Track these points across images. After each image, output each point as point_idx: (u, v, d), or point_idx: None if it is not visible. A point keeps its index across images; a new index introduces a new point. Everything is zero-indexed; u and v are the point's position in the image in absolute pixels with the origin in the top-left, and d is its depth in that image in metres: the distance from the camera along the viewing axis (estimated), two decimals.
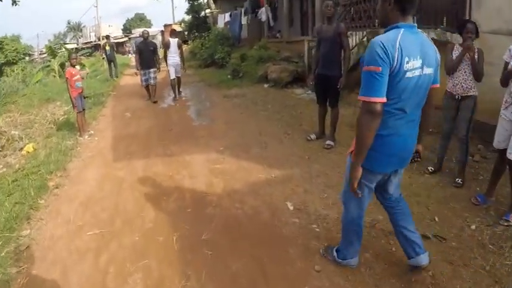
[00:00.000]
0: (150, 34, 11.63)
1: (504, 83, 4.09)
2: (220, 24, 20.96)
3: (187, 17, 32.27)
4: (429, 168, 5.17)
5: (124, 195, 4.68)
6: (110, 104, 10.92)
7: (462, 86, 4.64)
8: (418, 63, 2.38)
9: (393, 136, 2.51)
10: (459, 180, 4.80)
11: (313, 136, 6.46)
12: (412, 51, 2.35)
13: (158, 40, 28.94)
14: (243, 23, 18.78)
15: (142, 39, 11.05)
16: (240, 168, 5.37)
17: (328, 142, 6.16)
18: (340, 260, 3.22)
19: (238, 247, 3.55)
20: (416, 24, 2.49)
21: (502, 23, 4.68)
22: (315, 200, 4.38)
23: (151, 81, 10.68)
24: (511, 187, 4.14)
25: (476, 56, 4.54)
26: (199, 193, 4.63)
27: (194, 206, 4.30)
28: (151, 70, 10.63)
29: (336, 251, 3.28)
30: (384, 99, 2.34)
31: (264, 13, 17.22)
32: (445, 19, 6.81)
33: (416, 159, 2.99)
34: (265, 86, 11.56)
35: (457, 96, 4.70)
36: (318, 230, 3.81)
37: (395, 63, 2.29)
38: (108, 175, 5.34)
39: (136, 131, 7.66)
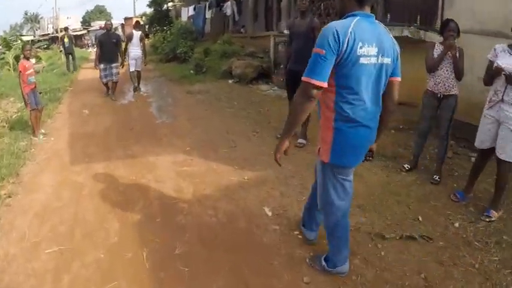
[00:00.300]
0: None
1: (489, 82, 4.02)
2: (184, 17, 20.36)
3: (149, 10, 31.23)
4: (405, 166, 5.09)
5: (84, 204, 4.15)
6: (67, 100, 10.10)
7: (444, 85, 4.58)
8: (373, 50, 2.36)
9: (359, 127, 2.47)
10: (437, 177, 4.79)
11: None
12: (366, 38, 2.33)
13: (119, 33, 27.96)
14: (207, 16, 18.33)
15: (102, 31, 10.34)
16: (209, 170, 4.98)
17: (299, 140, 5.89)
18: (331, 269, 2.99)
19: (217, 261, 3.18)
20: (373, 15, 2.47)
21: (474, 22, 4.65)
22: (293, 203, 4.10)
23: (114, 78, 9.83)
24: (495, 184, 4.13)
25: (457, 55, 4.48)
26: (168, 199, 4.18)
27: (163, 215, 3.86)
28: (114, 65, 9.77)
29: (325, 260, 3.03)
30: (324, 84, 2.30)
31: (229, 7, 16.88)
32: (418, 17, 6.78)
33: (368, 158, 2.93)
34: (230, 81, 11.21)
35: (439, 95, 4.64)
36: (300, 236, 3.52)
37: (345, 47, 2.27)
38: (65, 181, 4.78)
39: (94, 130, 7.07)
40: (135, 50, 10.27)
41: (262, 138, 6.25)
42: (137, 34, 10.36)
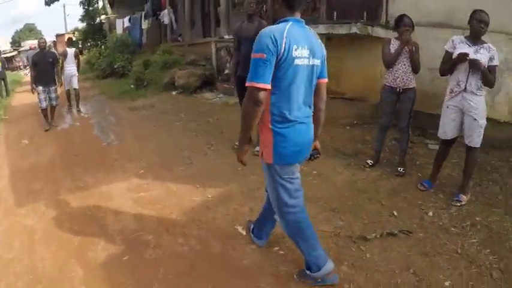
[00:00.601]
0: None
1: (448, 71, 4.08)
2: (119, 29, 19.36)
3: (82, 25, 29.88)
4: (368, 161, 5.09)
5: (39, 251, 3.64)
6: (3, 131, 9.13)
7: (403, 79, 4.60)
8: (305, 52, 2.50)
9: (296, 125, 2.57)
10: (401, 169, 4.83)
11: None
12: (299, 41, 2.47)
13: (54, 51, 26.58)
14: (143, 27, 17.59)
15: (34, 51, 9.48)
16: (169, 193, 4.65)
17: (257, 148, 5.66)
18: (318, 273, 2.86)
19: None
20: (303, 20, 2.63)
21: (419, 15, 4.75)
22: None
23: (54, 103, 8.78)
24: (464, 170, 4.23)
25: (413, 49, 4.54)
26: (131, 233, 3.79)
27: (130, 252, 3.48)
28: (52, 88, 8.72)
29: (308, 269, 2.92)
30: (268, 86, 2.41)
31: (166, 15, 16.24)
32: (365, 14, 6.83)
33: (315, 156, 3.05)
34: (174, 93, 10.85)
35: (398, 89, 4.66)
36: (282, 252, 3.34)
37: (282, 50, 2.39)
38: (13, 226, 4.22)
39: (37, 162, 6.43)
40: (70, 67, 9.97)
41: (217, 151, 6.01)
42: (71, 51, 10.17)
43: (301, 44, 2.47)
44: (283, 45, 2.39)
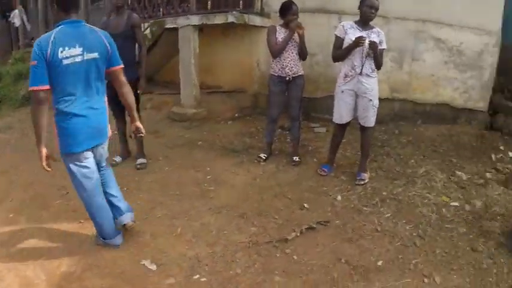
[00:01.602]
0: None
1: (344, 57, 4.02)
2: None
3: None
4: (261, 155, 4.87)
5: None
6: None
7: (292, 67, 4.47)
8: (76, 51, 2.74)
9: (73, 118, 2.80)
10: (296, 158, 4.73)
11: (118, 159, 5.00)
12: (67, 42, 2.70)
13: None
14: None
15: None
16: (52, 238, 3.54)
17: (139, 161, 4.87)
18: (104, 241, 3.27)
19: None
20: (81, 20, 2.85)
21: (296, 2, 4.53)
22: (170, 241, 3.32)
23: None
24: (361, 149, 4.29)
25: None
26: None
27: None
28: None
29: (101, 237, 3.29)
30: (45, 87, 2.68)
31: (17, 16, 13.62)
32: (241, 3, 6.64)
33: (138, 135, 3.28)
34: None
35: (287, 78, 4.50)
36: (204, 279, 2.89)
37: (48, 54, 2.63)
38: None
39: None
40: None
41: None
42: None
43: (69, 44, 2.70)
44: (49, 51, 2.62)
